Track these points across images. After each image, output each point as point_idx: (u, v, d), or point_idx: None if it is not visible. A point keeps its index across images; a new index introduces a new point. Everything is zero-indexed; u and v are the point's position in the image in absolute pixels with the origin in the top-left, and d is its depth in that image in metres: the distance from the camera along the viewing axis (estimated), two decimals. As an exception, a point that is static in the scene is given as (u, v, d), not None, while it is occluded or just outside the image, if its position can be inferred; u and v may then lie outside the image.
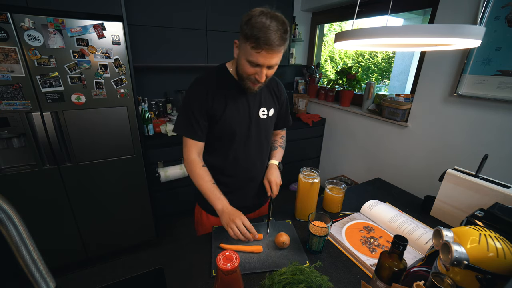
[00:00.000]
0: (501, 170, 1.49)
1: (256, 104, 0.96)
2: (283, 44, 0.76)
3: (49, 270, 0.46)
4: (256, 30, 0.72)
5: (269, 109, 1.00)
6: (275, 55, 0.77)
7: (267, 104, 0.99)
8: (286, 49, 0.79)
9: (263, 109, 0.98)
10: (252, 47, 0.75)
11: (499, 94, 1.45)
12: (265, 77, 0.82)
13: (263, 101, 0.98)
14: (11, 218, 0.40)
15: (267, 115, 0.99)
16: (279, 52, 0.77)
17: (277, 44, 0.74)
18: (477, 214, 0.76)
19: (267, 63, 0.78)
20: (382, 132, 2.21)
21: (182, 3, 1.91)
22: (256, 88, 0.87)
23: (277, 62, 0.80)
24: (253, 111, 0.96)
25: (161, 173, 1.92)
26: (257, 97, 0.97)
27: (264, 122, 0.99)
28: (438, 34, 0.54)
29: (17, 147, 1.45)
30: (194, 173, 0.93)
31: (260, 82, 0.83)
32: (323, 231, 0.81)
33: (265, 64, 0.78)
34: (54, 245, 1.67)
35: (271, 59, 0.77)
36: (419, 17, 2.82)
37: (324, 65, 5.76)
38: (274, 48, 0.74)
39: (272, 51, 0.75)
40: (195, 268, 0.78)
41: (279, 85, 1.06)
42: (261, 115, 0.98)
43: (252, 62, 0.78)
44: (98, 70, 1.49)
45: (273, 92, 1.02)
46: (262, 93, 0.98)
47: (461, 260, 0.50)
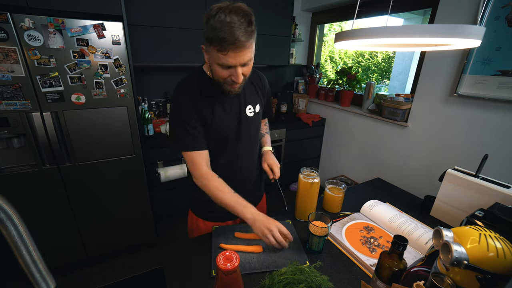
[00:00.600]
0: (501, 170, 1.49)
1: (242, 103, 0.93)
2: (249, 39, 0.70)
3: (49, 270, 0.46)
4: (217, 31, 0.67)
5: (255, 106, 0.97)
6: (244, 52, 0.71)
7: (253, 101, 0.96)
8: (256, 41, 0.75)
9: (249, 107, 0.95)
10: (217, 50, 0.70)
11: (499, 94, 1.45)
12: (241, 77, 0.77)
13: (248, 99, 0.95)
14: (11, 218, 0.40)
15: (254, 112, 0.96)
16: (248, 47, 0.71)
17: (243, 40, 0.68)
18: (477, 214, 0.76)
19: (238, 62, 0.73)
20: (382, 132, 2.21)
21: (182, 3, 1.91)
22: (237, 89, 0.83)
23: (250, 57, 0.75)
24: (240, 111, 0.93)
25: (161, 173, 1.92)
26: (242, 96, 0.93)
27: (252, 120, 0.96)
28: (438, 34, 0.54)
29: (17, 147, 1.45)
30: (211, 187, 0.86)
31: (238, 83, 0.79)
32: (323, 231, 0.81)
33: (236, 64, 0.73)
34: (54, 245, 1.67)
35: (241, 58, 0.72)
36: (419, 17, 2.82)
37: (324, 65, 5.76)
38: (240, 45, 0.68)
39: (239, 49, 0.69)
40: (195, 268, 0.78)
41: (262, 78, 1.02)
42: (249, 113, 0.94)
43: (223, 65, 0.74)
44: (98, 70, 1.49)
45: (257, 87, 0.99)
46: (246, 90, 0.94)
47: (461, 260, 0.50)
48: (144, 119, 1.95)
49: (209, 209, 1.02)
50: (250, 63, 0.78)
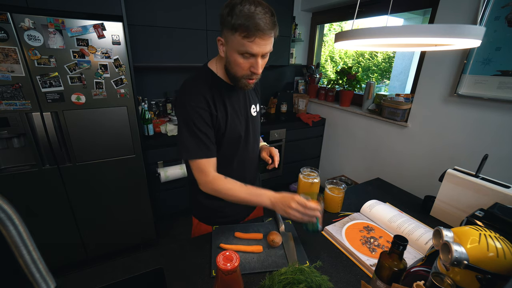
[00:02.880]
0: (501, 170, 1.49)
1: (247, 102, 0.94)
2: (274, 28, 0.72)
3: (49, 270, 0.46)
4: (243, 18, 0.67)
5: (256, 105, 0.99)
6: (269, 41, 0.72)
7: (254, 100, 0.98)
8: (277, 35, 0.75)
9: (252, 106, 0.96)
10: (243, 36, 0.69)
11: (499, 94, 1.45)
12: (261, 68, 0.77)
13: (251, 99, 0.95)
14: (11, 218, 0.40)
15: (256, 111, 0.98)
16: (272, 37, 0.73)
17: (269, 28, 0.69)
18: (477, 214, 0.76)
19: (262, 51, 0.73)
20: (382, 132, 2.21)
21: (182, 3, 1.91)
22: (252, 85, 0.82)
23: (271, 49, 0.76)
24: (247, 110, 0.93)
25: (161, 173, 1.92)
26: (247, 95, 0.94)
27: (256, 119, 0.98)
28: (438, 34, 0.54)
29: (17, 147, 1.45)
30: (223, 190, 0.82)
31: (257, 74, 0.78)
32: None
33: (259, 53, 0.73)
34: (54, 245, 1.67)
35: (265, 46, 0.72)
36: (419, 17, 2.82)
37: (324, 65, 5.76)
38: (266, 33, 0.70)
39: (265, 36, 0.70)
40: (195, 268, 0.78)
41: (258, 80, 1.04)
42: (253, 112, 0.95)
43: (246, 53, 0.72)
44: (98, 70, 1.49)
45: (256, 88, 1.01)
46: (249, 91, 0.95)
47: (461, 260, 0.50)
48: (144, 119, 1.95)
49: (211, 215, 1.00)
50: (267, 56, 0.78)
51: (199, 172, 0.83)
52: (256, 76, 0.79)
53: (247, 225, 0.97)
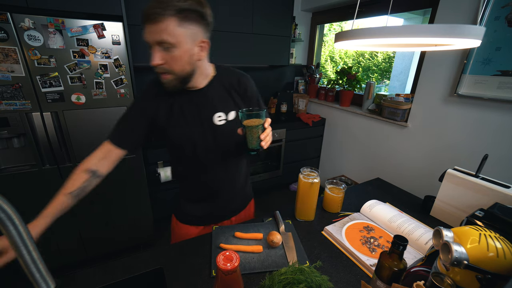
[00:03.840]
0: (501, 170, 1.49)
1: (208, 109, 0.84)
2: (165, 13, 0.63)
3: (49, 270, 0.46)
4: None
5: (228, 113, 0.86)
6: (157, 27, 0.64)
7: (225, 107, 0.86)
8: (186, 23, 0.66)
9: (219, 114, 0.84)
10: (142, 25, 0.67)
11: (499, 94, 1.45)
12: (157, 60, 0.69)
13: (218, 105, 0.85)
14: (11, 218, 0.40)
15: (226, 120, 0.86)
16: (159, 22, 0.64)
17: (154, 11, 0.63)
18: (477, 214, 0.76)
19: (152, 39, 0.66)
20: (382, 132, 2.21)
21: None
22: (167, 82, 0.74)
23: (163, 38, 0.65)
24: (205, 117, 0.84)
25: (161, 173, 1.92)
26: (209, 101, 0.84)
27: (224, 128, 0.86)
28: (438, 34, 0.54)
29: (17, 147, 1.45)
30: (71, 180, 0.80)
31: (153, 65, 0.70)
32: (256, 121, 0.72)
33: (150, 41, 0.67)
34: (54, 245, 1.67)
35: (154, 34, 0.65)
36: (419, 17, 2.82)
37: (324, 65, 5.76)
38: (151, 17, 0.64)
39: (151, 22, 0.64)
40: (195, 268, 0.78)
41: (242, 80, 0.89)
42: (217, 121, 0.85)
43: (145, 42, 0.69)
44: (98, 70, 1.49)
45: (232, 90, 0.87)
46: (215, 96, 0.84)
47: (461, 260, 0.50)
48: (144, 119, 1.94)
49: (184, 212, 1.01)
50: (174, 51, 0.68)
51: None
52: (161, 69, 0.72)
53: (247, 225, 0.97)
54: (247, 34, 2.26)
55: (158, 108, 0.82)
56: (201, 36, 0.72)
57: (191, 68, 0.75)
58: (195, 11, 0.67)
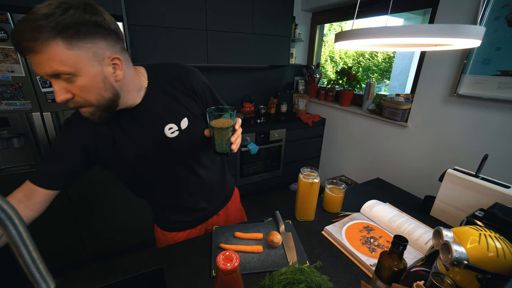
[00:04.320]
0: (501, 170, 1.49)
1: (155, 124, 0.71)
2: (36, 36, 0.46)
3: (49, 270, 0.46)
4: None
5: (180, 121, 0.74)
6: (39, 56, 0.48)
7: (174, 115, 0.73)
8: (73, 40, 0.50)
9: (169, 126, 0.72)
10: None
11: (499, 94, 1.45)
12: (64, 94, 0.54)
13: (165, 116, 0.72)
14: (11, 218, 0.40)
15: (179, 130, 0.74)
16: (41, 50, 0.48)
17: (25, 38, 0.47)
18: (477, 214, 0.76)
19: (41, 71, 0.51)
20: (382, 132, 2.21)
21: (182, 3, 1.91)
22: (90, 115, 0.60)
23: (56, 69, 0.50)
24: (154, 135, 0.72)
25: (161, 173, 1.92)
26: (153, 115, 0.71)
27: (179, 140, 0.74)
28: (438, 34, 0.54)
29: (17, 147, 1.45)
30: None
31: (58, 102, 0.54)
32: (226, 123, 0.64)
33: (41, 74, 0.52)
34: (54, 245, 1.67)
35: (41, 66, 0.50)
36: (419, 17, 2.82)
37: (324, 65, 5.75)
38: (25, 46, 0.47)
39: (29, 52, 0.48)
40: (195, 268, 0.78)
41: (184, 76, 0.75)
42: (169, 134, 0.73)
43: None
44: (98, 70, 1.49)
45: (176, 93, 0.73)
46: (156, 106, 0.71)
47: (461, 260, 0.50)
48: (144, 119, 1.94)
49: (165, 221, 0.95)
50: (77, 80, 0.53)
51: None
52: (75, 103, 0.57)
53: (247, 225, 0.97)
54: (247, 34, 2.26)
55: (95, 139, 0.68)
56: (109, 51, 0.57)
57: (112, 93, 0.60)
58: (85, 24, 0.51)
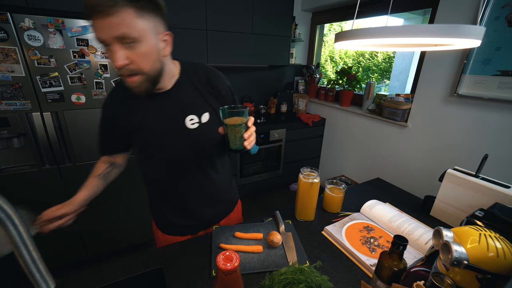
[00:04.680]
0: (501, 170, 1.49)
1: (178, 112, 0.76)
2: (117, 3, 0.53)
3: (49, 270, 0.46)
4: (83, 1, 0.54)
5: (201, 115, 0.78)
6: (109, 20, 0.54)
7: (197, 108, 0.78)
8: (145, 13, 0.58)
9: (190, 117, 0.77)
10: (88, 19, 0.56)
11: (499, 94, 1.45)
12: (121, 60, 0.58)
13: (188, 107, 0.77)
14: (11, 218, 0.40)
15: (199, 122, 0.78)
16: (114, 15, 0.54)
17: (103, 3, 0.52)
18: (477, 214, 0.76)
19: (108, 35, 0.56)
20: (382, 132, 2.21)
21: (182, 3, 1.91)
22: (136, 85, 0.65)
23: (124, 32, 0.56)
24: (175, 121, 0.76)
25: (161, 173, 1.92)
26: (179, 103, 0.76)
27: (197, 132, 0.78)
28: (438, 34, 0.54)
29: (17, 147, 1.45)
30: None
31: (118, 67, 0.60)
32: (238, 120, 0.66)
33: (105, 39, 0.57)
34: (54, 245, 1.67)
35: (110, 29, 0.55)
36: (419, 17, 2.82)
37: (324, 65, 5.75)
38: (100, 10, 0.53)
39: (101, 15, 0.53)
40: (195, 268, 0.78)
41: (213, 77, 0.81)
42: (190, 124, 0.77)
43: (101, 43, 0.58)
44: (98, 70, 1.49)
45: (203, 89, 0.79)
46: (183, 97, 0.77)
47: (461, 260, 0.50)
48: (144, 119, 1.94)
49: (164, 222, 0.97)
50: (137, 47, 0.59)
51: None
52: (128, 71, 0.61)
53: (247, 225, 0.97)
54: (247, 34, 2.26)
55: (124, 115, 0.77)
56: (162, 28, 0.65)
57: (161, 66, 0.67)
58: (149, 1, 0.59)
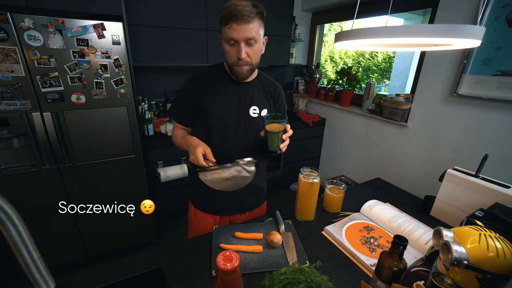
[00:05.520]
0: (501, 170, 1.49)
1: (247, 101, 0.96)
2: (252, 15, 0.77)
3: (49, 270, 0.46)
4: (225, 10, 0.78)
5: (262, 109, 0.99)
6: (246, 26, 0.78)
7: (260, 103, 0.99)
8: (262, 24, 0.83)
9: (254, 107, 0.97)
10: (224, 24, 0.80)
11: (499, 94, 1.45)
12: (245, 55, 0.83)
13: (255, 100, 0.98)
14: (11, 218, 0.40)
15: (258, 114, 0.98)
16: (250, 23, 0.78)
17: (245, 14, 0.76)
18: (477, 214, 0.76)
19: (241, 36, 0.79)
20: (382, 132, 2.21)
21: (182, 3, 1.91)
22: (244, 72, 0.88)
23: (253, 36, 0.80)
24: (242, 107, 0.96)
25: (161, 173, 1.92)
26: (249, 94, 0.97)
27: (255, 120, 0.98)
28: (438, 34, 0.54)
29: (17, 147, 1.45)
30: (173, 134, 1.02)
31: (241, 59, 0.84)
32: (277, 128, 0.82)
33: (239, 38, 0.80)
34: (54, 245, 1.67)
35: (244, 32, 0.79)
36: (419, 17, 2.82)
37: (324, 65, 5.75)
38: (242, 18, 0.76)
39: (240, 21, 0.77)
40: (195, 268, 0.78)
41: (277, 89, 1.05)
42: (252, 113, 0.97)
43: (229, 40, 0.82)
44: (98, 70, 1.49)
45: (268, 93, 1.02)
46: (255, 92, 0.98)
47: (461, 260, 0.50)
48: (144, 119, 1.95)
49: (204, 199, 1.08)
50: (255, 46, 0.84)
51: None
52: (244, 62, 0.85)
53: (247, 225, 0.97)
54: (247, 34, 2.25)
55: (202, 92, 0.95)
56: (263, 34, 0.87)
57: (259, 61, 0.91)
58: (264, 13, 0.83)
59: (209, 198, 1.06)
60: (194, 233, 1.09)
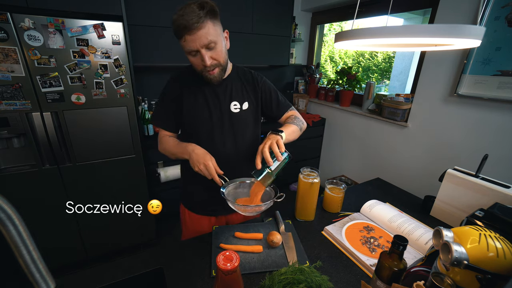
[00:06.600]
0: (501, 170, 1.49)
1: (226, 98, 0.96)
2: (202, 20, 0.74)
3: (49, 270, 0.46)
4: (174, 23, 0.76)
5: (242, 103, 0.98)
6: (199, 33, 0.75)
7: (239, 97, 0.98)
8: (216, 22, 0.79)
9: (234, 103, 0.97)
10: (178, 39, 0.79)
11: (499, 94, 1.45)
12: (210, 60, 0.81)
13: (234, 95, 0.97)
14: (11, 218, 0.40)
15: (240, 109, 0.97)
16: (202, 28, 0.75)
17: (193, 22, 0.73)
18: (477, 214, 0.76)
19: (198, 45, 0.77)
20: (382, 132, 2.21)
21: (182, 3, 1.91)
22: (217, 76, 0.87)
23: (210, 40, 0.78)
24: (223, 105, 0.95)
25: (161, 173, 1.92)
26: (227, 91, 0.96)
27: (238, 116, 0.97)
28: (438, 34, 0.54)
29: (17, 147, 1.45)
30: (162, 143, 0.99)
31: (206, 65, 0.82)
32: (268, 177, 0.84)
33: (197, 47, 0.78)
34: (54, 245, 1.67)
35: (199, 40, 0.76)
36: (419, 17, 2.82)
37: (324, 65, 5.75)
38: (192, 27, 0.74)
39: (193, 31, 0.74)
40: (195, 268, 0.78)
41: (254, 76, 1.03)
42: (233, 109, 0.97)
43: (189, 52, 0.81)
44: (98, 70, 1.49)
45: (246, 84, 1.00)
46: (233, 87, 0.97)
47: (461, 260, 0.50)
48: (144, 119, 1.94)
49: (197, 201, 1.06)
50: (217, 47, 0.81)
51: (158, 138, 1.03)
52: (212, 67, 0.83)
53: (247, 225, 0.97)
54: (247, 34, 2.26)
55: (183, 96, 0.94)
56: (222, 29, 0.85)
57: (227, 57, 0.89)
58: (214, 9, 0.78)
59: (203, 199, 1.03)
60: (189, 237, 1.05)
